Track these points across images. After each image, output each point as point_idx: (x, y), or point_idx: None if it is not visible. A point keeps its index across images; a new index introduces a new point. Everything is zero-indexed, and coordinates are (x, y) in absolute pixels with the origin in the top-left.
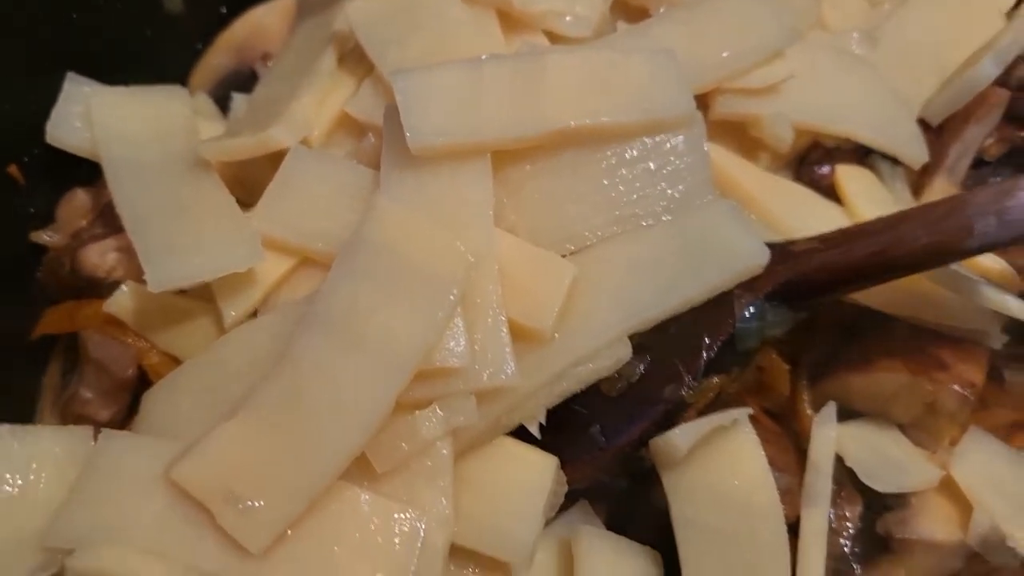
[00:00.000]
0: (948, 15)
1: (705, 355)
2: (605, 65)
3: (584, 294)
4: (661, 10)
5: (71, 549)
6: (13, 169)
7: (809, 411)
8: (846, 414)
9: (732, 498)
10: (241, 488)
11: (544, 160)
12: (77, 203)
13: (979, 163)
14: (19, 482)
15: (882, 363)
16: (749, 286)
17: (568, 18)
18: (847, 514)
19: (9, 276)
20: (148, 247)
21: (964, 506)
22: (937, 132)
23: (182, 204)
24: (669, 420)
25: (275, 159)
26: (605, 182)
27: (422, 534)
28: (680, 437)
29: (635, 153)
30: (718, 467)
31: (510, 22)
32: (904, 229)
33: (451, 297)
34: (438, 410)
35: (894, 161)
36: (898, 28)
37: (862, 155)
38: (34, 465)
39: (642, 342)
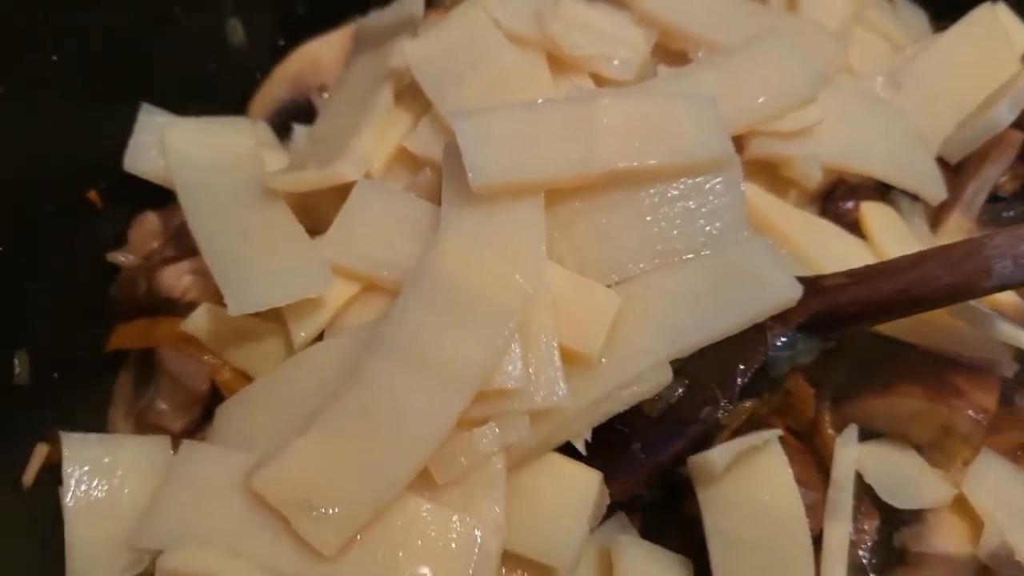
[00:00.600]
0: (967, 60)
1: (740, 381)
2: (651, 110)
3: (628, 322)
4: (700, 54)
5: (159, 550)
6: (92, 194)
7: (831, 431)
8: (866, 435)
9: (762, 512)
10: (315, 497)
11: (593, 198)
12: (149, 226)
13: (994, 198)
14: (105, 487)
15: (901, 388)
16: (781, 318)
17: (614, 62)
18: (866, 528)
19: (84, 293)
20: (225, 273)
21: (976, 522)
22: (955, 170)
23: (254, 231)
24: (705, 440)
25: (339, 190)
26: (649, 219)
27: (478, 540)
28: (718, 456)
29: (677, 192)
30: (749, 483)
31: (559, 65)
32: (927, 268)
33: (509, 325)
34: (495, 428)
35: (913, 197)
36: (920, 72)
37: (883, 191)
38: (119, 472)
39: (681, 367)
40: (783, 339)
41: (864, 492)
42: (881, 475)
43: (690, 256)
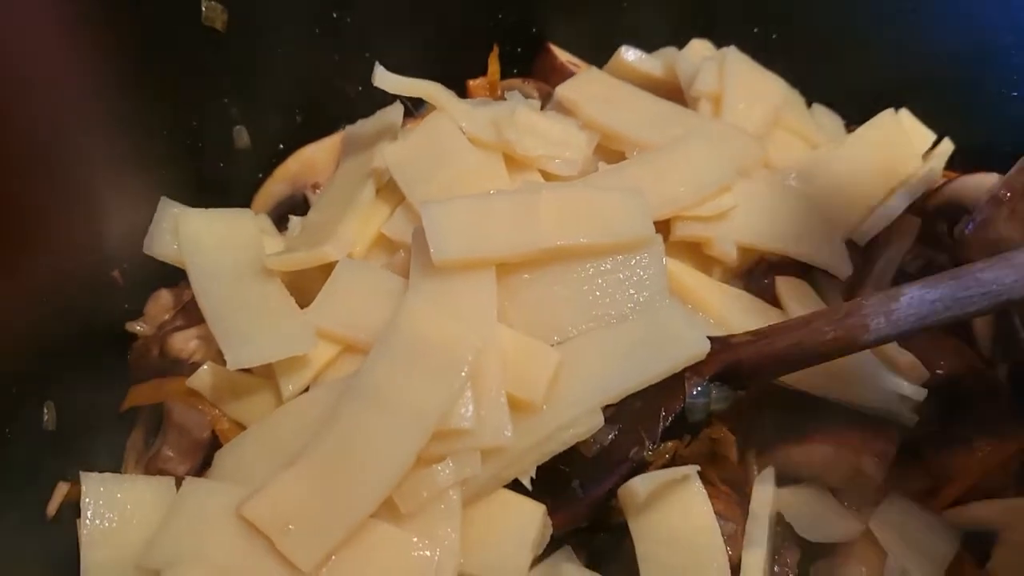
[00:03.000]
0: (872, 157)
1: (661, 424)
2: (586, 199)
3: (567, 375)
4: (635, 153)
5: (161, 569)
6: (115, 274)
7: (756, 475)
8: (788, 480)
9: (684, 539)
10: (295, 521)
11: (537, 271)
12: (162, 300)
13: (902, 274)
14: (116, 519)
15: (814, 437)
16: (696, 370)
17: (558, 161)
18: (788, 561)
19: (105, 356)
20: (226, 335)
21: (880, 554)
22: (864, 251)
23: (252, 302)
24: (634, 476)
25: (326, 269)
26: (585, 288)
27: (436, 562)
28: (640, 484)
29: (608, 267)
30: (672, 514)
31: (513, 163)
32: (815, 325)
33: (462, 374)
34: (451, 463)
35: (829, 275)
36: (831, 167)
37: (802, 269)
38: (128, 506)
39: (613, 414)
40: (698, 388)
41: (786, 529)
42: (799, 514)
43: (619, 319)
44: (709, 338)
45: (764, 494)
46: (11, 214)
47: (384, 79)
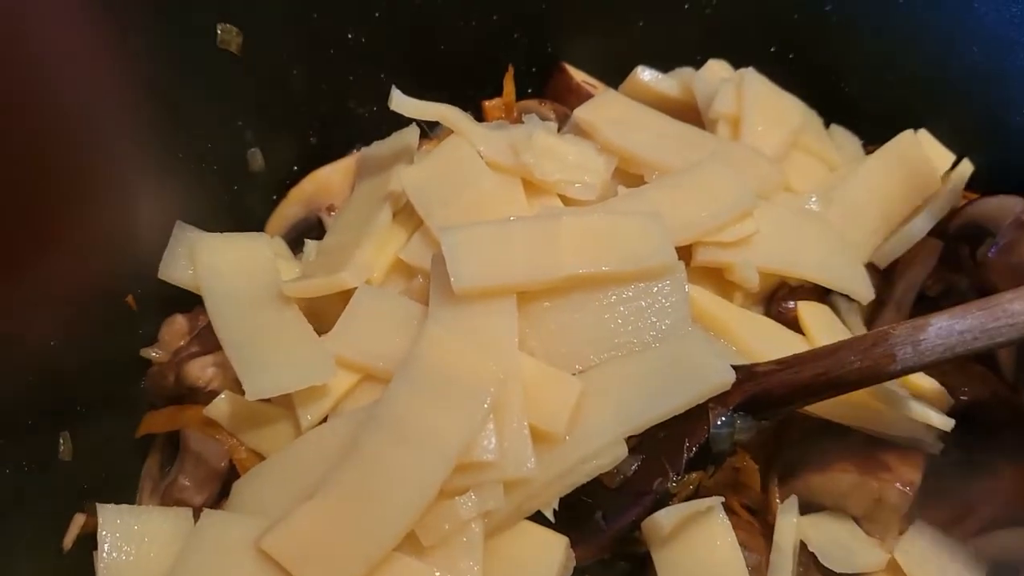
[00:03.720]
0: (891, 178)
1: (686, 455)
2: (607, 225)
3: (589, 405)
4: (654, 177)
5: None
6: (129, 299)
7: (779, 504)
8: (811, 508)
9: (708, 572)
10: (316, 555)
11: (558, 299)
12: (177, 326)
13: (923, 298)
14: (133, 551)
15: (837, 465)
16: (721, 400)
17: (577, 185)
18: None
19: (120, 383)
20: (244, 364)
21: None
22: (885, 274)
23: (269, 329)
24: (657, 508)
25: (343, 295)
26: (606, 316)
27: None
28: (664, 517)
29: (630, 294)
30: (696, 546)
31: (532, 188)
32: (842, 355)
33: (485, 405)
34: (473, 496)
35: (850, 298)
36: (850, 190)
37: (823, 293)
38: (146, 539)
39: (636, 444)
40: (723, 418)
41: (809, 559)
42: (822, 543)
43: (641, 348)
44: (734, 367)
45: (788, 524)
46: (23, 238)
47: (401, 103)
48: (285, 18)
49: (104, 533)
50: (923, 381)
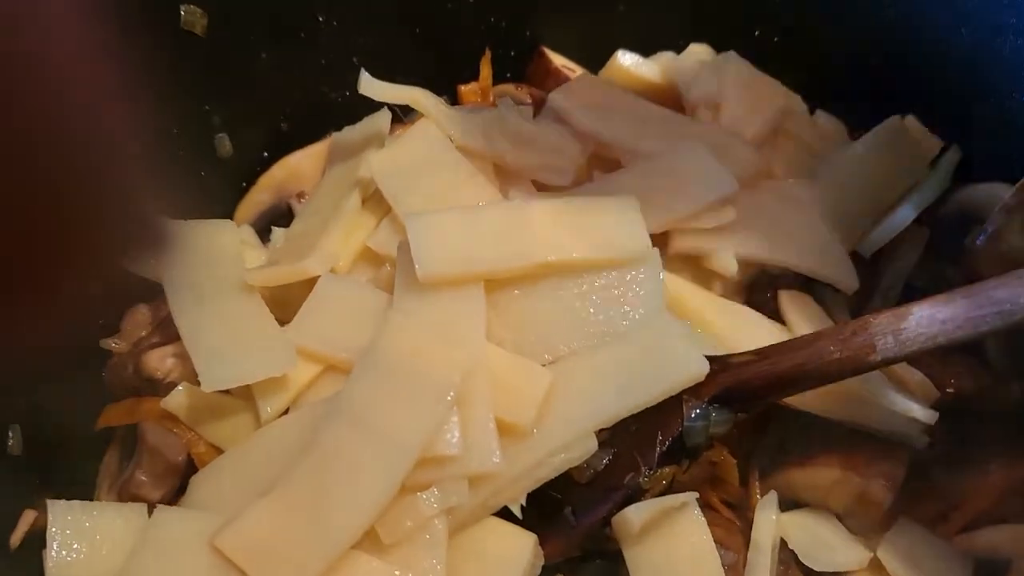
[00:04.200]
0: (879, 165)
1: (659, 449)
2: (579, 211)
3: (558, 396)
4: (631, 162)
5: None
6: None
7: (759, 500)
8: (792, 504)
9: (681, 570)
10: (271, 553)
11: (528, 287)
12: (139, 317)
13: (910, 288)
14: (84, 549)
15: (819, 460)
16: (695, 391)
17: (551, 171)
18: None
19: (79, 377)
20: (202, 354)
21: None
22: (871, 263)
23: (230, 319)
24: (629, 504)
25: (308, 284)
26: (577, 305)
27: None
28: (634, 513)
29: (602, 282)
30: (669, 543)
31: (503, 173)
32: (821, 345)
33: (448, 397)
34: (436, 491)
35: (834, 288)
36: (835, 175)
37: (806, 283)
38: (98, 536)
39: (607, 438)
40: (697, 411)
41: (789, 557)
42: (803, 541)
43: (614, 338)
44: (708, 358)
45: (767, 521)
46: None
47: (370, 86)
48: None
49: (54, 530)
50: (907, 373)
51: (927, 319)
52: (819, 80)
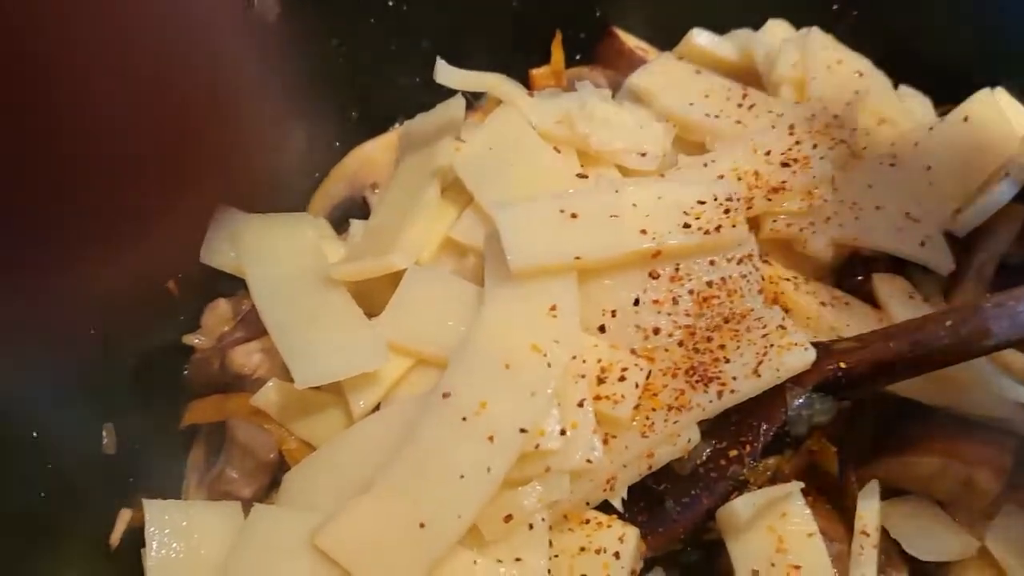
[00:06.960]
0: (968, 141)
1: (762, 440)
2: (671, 196)
3: (657, 388)
4: (716, 144)
5: None
6: (171, 284)
7: (857, 489)
8: (892, 492)
9: (787, 562)
10: (374, 551)
11: (621, 275)
12: (220, 311)
13: (1004, 268)
14: (183, 548)
15: (921, 447)
16: (798, 380)
17: (637, 155)
18: None
19: (162, 373)
20: (292, 351)
21: (999, 574)
22: (964, 242)
23: (317, 314)
24: (732, 495)
25: (392, 276)
26: (673, 292)
27: None
28: (742, 506)
29: (697, 268)
30: (775, 534)
31: (588, 159)
32: (929, 330)
33: (548, 391)
34: (537, 486)
35: (927, 270)
36: (924, 153)
37: (898, 264)
38: (195, 535)
39: (709, 428)
40: (800, 400)
41: (891, 546)
42: (906, 530)
43: (711, 327)
44: (813, 345)
45: (870, 511)
46: (64, 227)
47: (447, 75)
48: None
49: (152, 530)
50: (1013, 357)
51: None
52: (903, 55)
